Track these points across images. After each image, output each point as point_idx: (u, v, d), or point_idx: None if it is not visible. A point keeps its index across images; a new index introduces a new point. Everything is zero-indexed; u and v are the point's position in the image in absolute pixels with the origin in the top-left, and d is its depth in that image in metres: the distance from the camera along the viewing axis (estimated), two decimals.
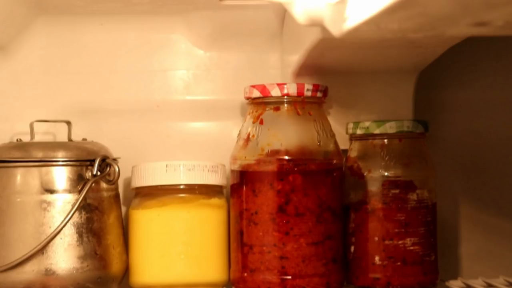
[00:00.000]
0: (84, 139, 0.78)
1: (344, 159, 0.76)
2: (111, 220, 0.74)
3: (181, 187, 0.76)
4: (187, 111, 0.85)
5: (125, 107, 0.84)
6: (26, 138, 0.77)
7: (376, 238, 0.73)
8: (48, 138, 0.82)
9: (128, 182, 0.81)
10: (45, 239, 0.68)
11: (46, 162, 0.71)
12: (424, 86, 0.82)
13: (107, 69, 0.84)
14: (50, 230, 0.69)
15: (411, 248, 0.72)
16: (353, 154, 0.76)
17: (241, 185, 0.73)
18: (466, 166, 0.87)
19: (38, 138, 0.78)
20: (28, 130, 0.76)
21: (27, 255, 0.68)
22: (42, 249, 0.68)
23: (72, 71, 0.84)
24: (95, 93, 0.84)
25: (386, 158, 0.73)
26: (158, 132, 0.84)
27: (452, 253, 0.86)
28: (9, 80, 0.83)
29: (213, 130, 0.85)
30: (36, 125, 0.77)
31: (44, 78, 0.83)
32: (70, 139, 0.77)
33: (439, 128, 0.83)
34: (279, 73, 0.84)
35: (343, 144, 0.77)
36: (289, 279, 0.70)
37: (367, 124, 0.74)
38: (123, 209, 0.80)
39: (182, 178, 0.75)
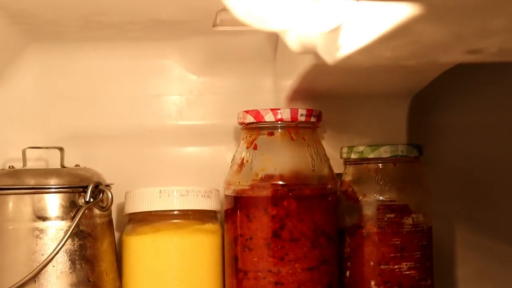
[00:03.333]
0: (77, 165, 0.78)
1: (339, 184, 0.76)
2: (104, 247, 0.73)
3: (175, 212, 0.75)
4: (180, 136, 0.85)
5: (118, 133, 0.84)
6: (18, 165, 0.76)
7: (372, 263, 0.72)
8: (40, 165, 0.82)
9: (121, 208, 0.80)
10: (37, 266, 0.68)
11: (38, 189, 0.70)
12: (418, 110, 0.82)
13: (100, 95, 0.84)
14: (42, 258, 0.68)
15: (407, 272, 0.72)
16: (347, 178, 0.76)
17: (235, 211, 0.72)
18: (461, 189, 0.87)
19: (30, 164, 0.77)
20: (21, 156, 0.76)
21: (19, 283, 0.67)
22: (34, 277, 0.68)
23: (65, 97, 0.83)
24: (88, 119, 0.84)
25: (381, 182, 0.73)
26: (151, 157, 0.84)
27: (448, 276, 0.86)
28: (1, 107, 0.82)
29: (207, 154, 0.85)
30: (28, 151, 0.76)
31: (37, 104, 0.83)
32: (62, 166, 0.76)
33: (433, 152, 0.83)
34: (272, 97, 0.85)
35: (337, 168, 0.77)
36: None
37: (361, 148, 0.74)
38: (116, 235, 0.79)
39: (176, 203, 0.75)
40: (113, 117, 0.84)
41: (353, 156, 0.74)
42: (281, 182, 0.70)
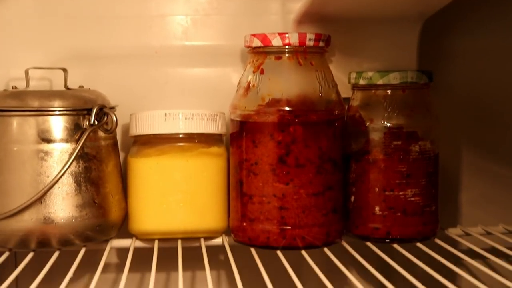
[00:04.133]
0: (81, 87, 0.77)
1: (346, 108, 0.75)
2: (110, 169, 0.73)
3: (180, 135, 0.75)
4: (185, 57, 0.83)
5: (123, 53, 0.82)
6: (21, 84, 0.75)
7: (377, 189, 0.72)
8: (44, 85, 0.81)
9: (126, 129, 0.80)
10: (43, 188, 0.68)
11: (42, 111, 0.69)
12: (429, 34, 0.80)
13: (104, 14, 0.82)
14: (48, 180, 0.68)
15: (412, 199, 0.72)
16: (355, 103, 0.75)
17: (241, 135, 0.72)
18: (469, 114, 0.86)
19: (33, 84, 0.76)
20: (23, 75, 0.75)
21: (25, 204, 0.67)
22: (40, 198, 0.68)
23: (68, 15, 0.81)
24: (92, 39, 0.82)
25: (389, 109, 0.72)
26: (156, 78, 0.83)
27: (452, 200, 0.86)
28: (2, 25, 0.80)
29: (212, 76, 0.83)
30: (31, 71, 0.75)
31: (39, 22, 0.81)
32: (66, 87, 0.75)
33: (443, 77, 0.81)
34: (280, 19, 0.82)
35: (345, 92, 0.76)
36: (288, 229, 0.69)
37: (370, 74, 0.72)
38: (121, 155, 0.79)
39: (181, 127, 0.74)
40: (117, 37, 0.82)
41: (361, 81, 0.73)
42: (287, 108, 0.69)
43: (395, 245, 0.72)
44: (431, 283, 0.61)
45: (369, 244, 0.73)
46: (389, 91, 0.73)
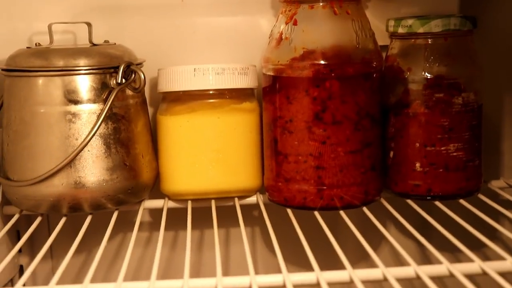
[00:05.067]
0: (106, 41, 0.74)
1: (384, 58, 0.71)
2: (139, 129, 0.71)
3: (211, 92, 0.72)
4: (213, 5, 0.79)
5: (148, 3, 0.78)
6: (44, 39, 0.72)
7: (417, 144, 0.69)
8: (67, 39, 0.78)
9: (153, 83, 0.77)
10: (73, 152, 0.66)
11: (68, 71, 0.67)
12: None
13: None
14: (76, 142, 0.66)
15: (455, 154, 0.69)
16: (393, 52, 0.71)
17: (274, 91, 0.68)
18: None
19: (57, 38, 0.73)
20: (46, 29, 0.72)
21: (55, 169, 0.66)
22: (70, 162, 0.66)
23: None
24: None
25: (430, 59, 0.68)
26: (182, 29, 0.79)
27: (494, 150, 0.83)
28: None
29: (241, 25, 0.79)
30: (55, 24, 0.72)
31: None
32: (91, 42, 0.72)
33: (486, 22, 0.76)
34: None
35: (382, 40, 0.72)
36: (325, 189, 0.67)
37: (410, 22, 0.68)
38: (150, 110, 0.77)
39: (211, 82, 0.71)
40: None
41: (400, 30, 0.69)
42: (322, 62, 0.65)
43: (437, 202, 0.69)
44: (473, 240, 0.59)
45: (409, 201, 0.70)
46: (430, 40, 0.68)
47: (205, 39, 0.79)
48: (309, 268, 0.54)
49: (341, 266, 0.54)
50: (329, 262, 0.61)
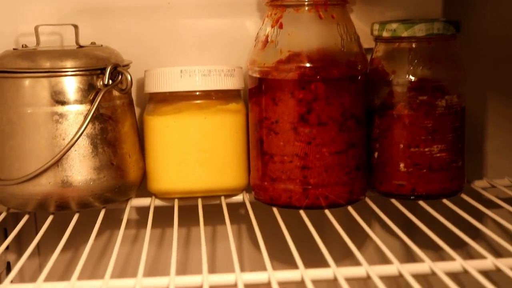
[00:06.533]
0: (93, 43, 0.74)
1: (368, 61, 0.72)
2: (126, 129, 0.71)
3: (197, 93, 0.72)
4: (199, 8, 0.80)
5: (134, 5, 0.79)
6: (31, 40, 0.73)
7: (402, 145, 0.70)
8: (54, 40, 0.78)
9: (140, 84, 0.77)
10: (60, 151, 0.66)
11: (55, 72, 0.67)
12: None
13: None
14: (63, 142, 0.67)
15: (438, 155, 0.70)
16: (378, 55, 0.72)
17: (260, 92, 0.69)
18: (496, 62, 0.82)
19: (43, 40, 0.73)
20: (32, 31, 0.72)
21: (43, 168, 0.66)
22: (57, 162, 0.66)
23: None
24: None
25: (414, 62, 0.69)
26: (169, 31, 0.79)
27: (477, 150, 0.84)
28: None
29: (228, 27, 0.80)
30: (41, 26, 0.72)
31: None
32: (78, 44, 0.73)
33: (468, 24, 0.78)
34: None
35: (367, 43, 0.73)
36: (311, 188, 0.68)
37: (394, 26, 0.69)
38: (137, 110, 0.77)
39: (198, 84, 0.72)
40: None
41: (385, 34, 0.70)
42: (308, 64, 0.66)
43: (420, 202, 0.70)
44: (456, 239, 0.60)
45: (393, 201, 0.71)
46: (414, 44, 0.69)
47: (192, 41, 0.80)
48: (294, 266, 0.54)
49: (325, 264, 0.55)
50: (314, 260, 0.62)
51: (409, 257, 0.82)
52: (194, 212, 0.71)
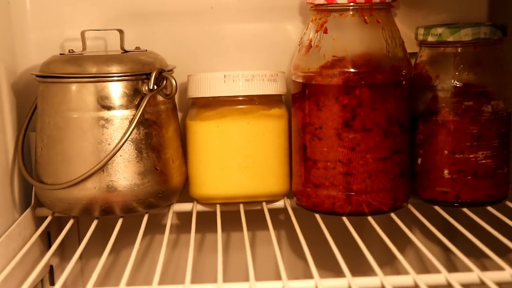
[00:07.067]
0: (138, 48, 0.75)
1: (412, 66, 0.71)
2: (170, 134, 0.72)
3: (240, 98, 0.72)
4: (242, 12, 0.80)
5: (178, 9, 0.79)
6: (76, 45, 0.74)
7: (446, 151, 0.69)
8: (99, 45, 0.79)
9: (183, 88, 0.77)
10: (106, 156, 0.67)
11: (101, 78, 0.68)
12: None
13: None
14: (109, 147, 0.67)
15: (483, 161, 0.69)
16: (422, 60, 0.71)
17: (304, 97, 0.69)
18: None
19: (89, 44, 0.74)
20: (78, 35, 0.73)
21: (89, 173, 0.67)
22: (102, 167, 0.67)
23: None
24: None
25: (460, 67, 0.68)
26: (212, 35, 0.80)
27: None
28: None
29: (270, 32, 0.80)
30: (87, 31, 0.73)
31: None
32: (123, 49, 0.73)
33: None
34: None
35: (410, 47, 0.72)
36: (354, 194, 0.68)
37: (439, 30, 0.68)
38: (179, 115, 0.78)
39: (241, 89, 0.72)
40: None
41: (430, 38, 0.69)
42: (352, 70, 0.66)
43: (465, 209, 0.69)
44: (499, 247, 0.60)
45: (436, 207, 0.70)
46: (459, 49, 0.69)
47: (233, 45, 0.80)
48: (336, 273, 0.54)
49: (366, 271, 0.54)
50: (354, 266, 0.61)
51: (450, 264, 0.82)
52: (233, 218, 0.71)
